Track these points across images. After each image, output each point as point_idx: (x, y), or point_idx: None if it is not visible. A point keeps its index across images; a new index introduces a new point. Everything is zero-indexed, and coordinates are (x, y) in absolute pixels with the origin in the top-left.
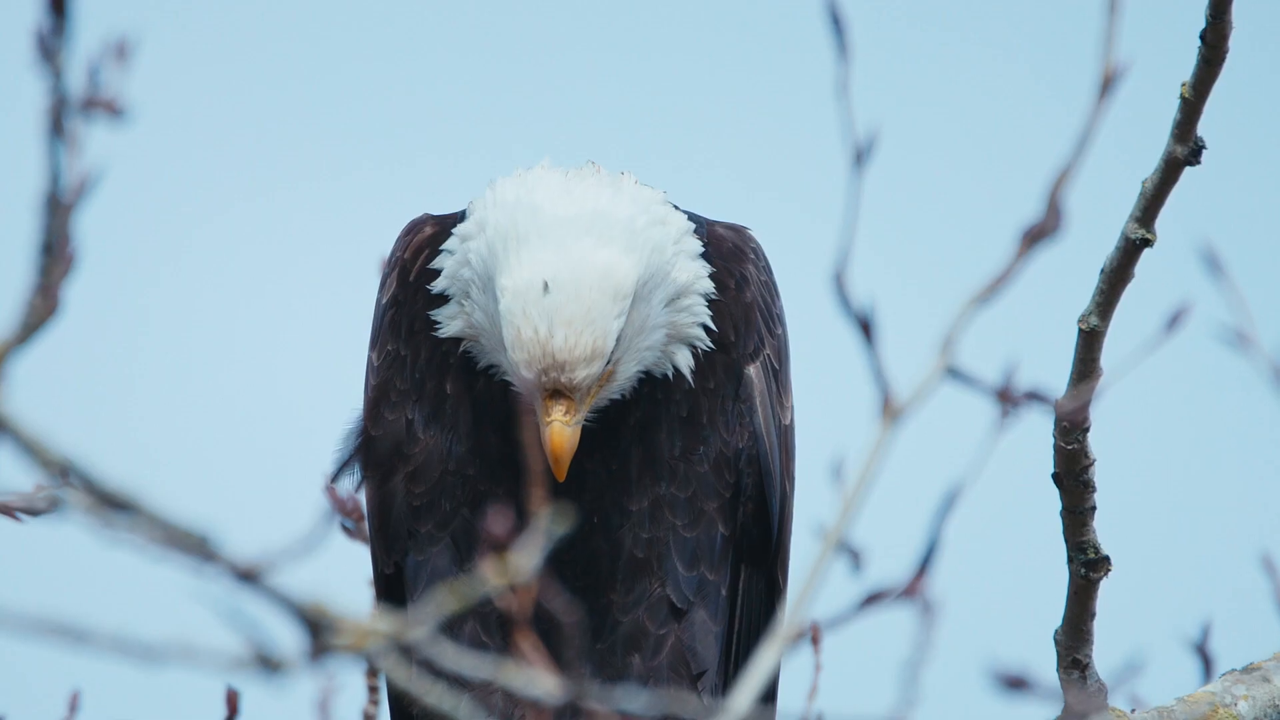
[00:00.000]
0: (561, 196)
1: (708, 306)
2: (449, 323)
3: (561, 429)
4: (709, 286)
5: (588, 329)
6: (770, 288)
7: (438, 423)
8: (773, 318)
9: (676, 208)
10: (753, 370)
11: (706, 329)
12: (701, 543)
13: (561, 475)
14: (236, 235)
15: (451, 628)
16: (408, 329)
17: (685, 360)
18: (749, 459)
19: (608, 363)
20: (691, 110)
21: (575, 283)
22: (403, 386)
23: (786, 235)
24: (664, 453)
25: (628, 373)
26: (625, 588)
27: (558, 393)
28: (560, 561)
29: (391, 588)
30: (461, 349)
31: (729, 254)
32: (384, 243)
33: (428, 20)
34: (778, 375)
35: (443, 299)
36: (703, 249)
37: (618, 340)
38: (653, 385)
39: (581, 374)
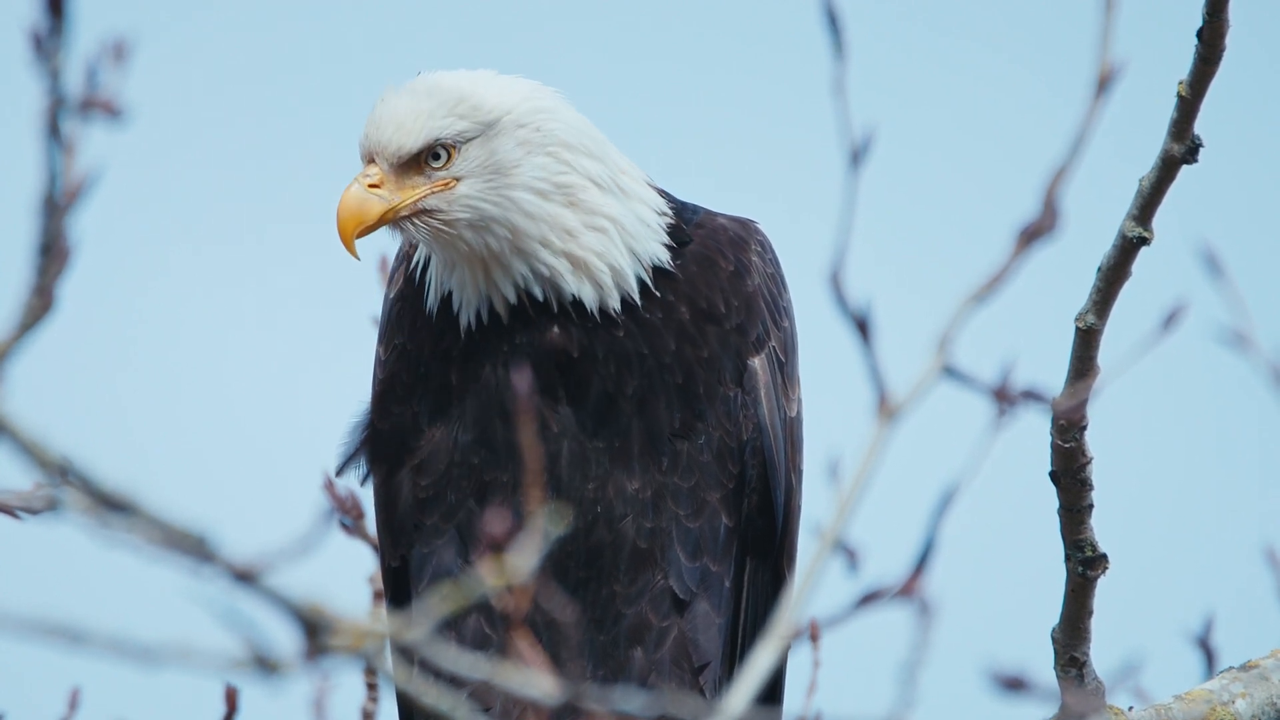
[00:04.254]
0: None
1: (686, 280)
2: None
3: (356, 190)
4: (660, 253)
5: (415, 103)
6: (777, 280)
7: (443, 415)
8: (779, 310)
9: (666, 193)
10: (757, 362)
11: (691, 299)
12: (705, 533)
13: (350, 248)
14: (236, 233)
15: (455, 622)
16: (412, 323)
17: (589, 292)
18: (753, 451)
19: (436, 160)
20: (687, 109)
21: (439, 79)
22: (409, 380)
23: (783, 234)
24: (663, 426)
25: (473, 202)
26: (628, 578)
27: (372, 161)
28: (564, 553)
29: (398, 581)
30: (463, 343)
31: (729, 242)
32: (384, 242)
33: (428, 21)
34: (784, 367)
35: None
36: (670, 224)
37: (455, 148)
38: (636, 339)
39: (387, 137)
